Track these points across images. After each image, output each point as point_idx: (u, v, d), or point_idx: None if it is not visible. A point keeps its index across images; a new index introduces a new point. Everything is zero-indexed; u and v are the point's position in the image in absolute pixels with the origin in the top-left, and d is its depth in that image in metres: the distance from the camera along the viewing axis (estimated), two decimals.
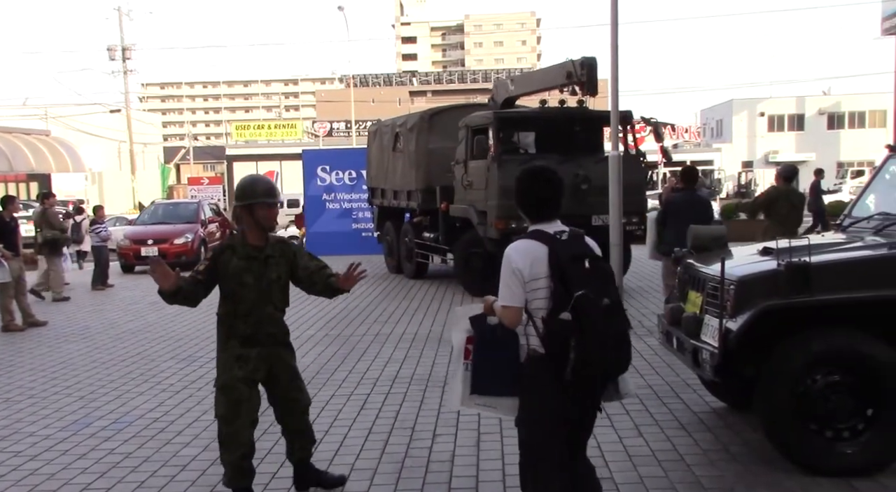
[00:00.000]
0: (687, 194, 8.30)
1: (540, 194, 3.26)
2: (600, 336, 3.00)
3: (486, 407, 3.47)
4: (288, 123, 60.05)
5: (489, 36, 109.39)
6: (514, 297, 3.16)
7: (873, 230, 4.95)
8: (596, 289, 3.04)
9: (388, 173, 14.66)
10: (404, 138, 13.76)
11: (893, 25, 36.35)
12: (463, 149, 11.71)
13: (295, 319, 10.21)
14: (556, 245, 3.13)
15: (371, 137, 16.19)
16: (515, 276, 3.14)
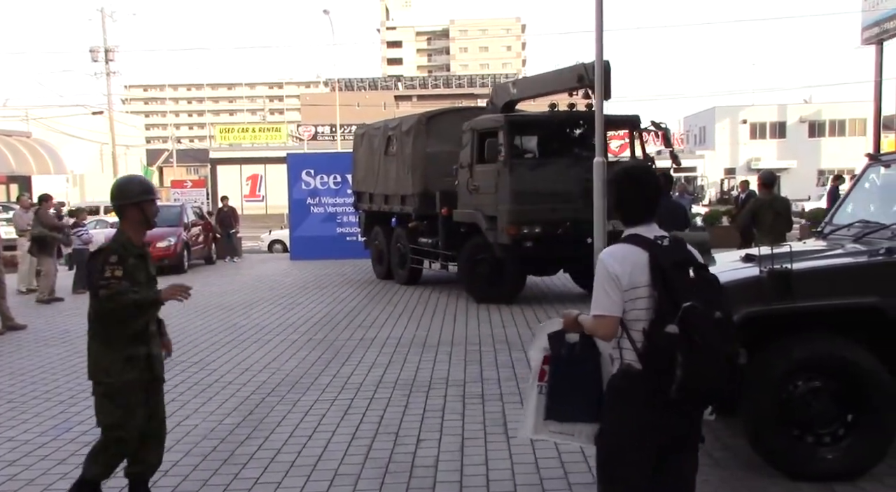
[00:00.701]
0: (662, 200, 8.32)
1: (641, 195, 2.99)
2: (713, 352, 2.71)
3: (563, 435, 3.17)
4: (272, 126, 59.87)
5: (474, 41, 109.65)
6: (612, 305, 2.86)
7: (853, 238, 5.00)
8: (705, 300, 2.76)
9: (378, 177, 14.38)
10: (399, 142, 13.49)
11: (873, 35, 36.81)
12: (468, 153, 11.47)
13: (279, 323, 10.18)
14: (658, 251, 2.86)
15: (358, 141, 15.88)
16: (613, 282, 2.85)
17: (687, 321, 2.70)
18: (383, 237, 14.69)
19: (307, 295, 12.87)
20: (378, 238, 14.98)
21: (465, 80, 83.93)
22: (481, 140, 11.23)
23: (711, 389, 2.78)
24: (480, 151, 11.15)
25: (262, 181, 43.67)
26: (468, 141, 11.56)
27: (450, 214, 12.02)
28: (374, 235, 15.17)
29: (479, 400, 6.27)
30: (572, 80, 11.05)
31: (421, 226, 13.16)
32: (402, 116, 14.80)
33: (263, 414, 6.01)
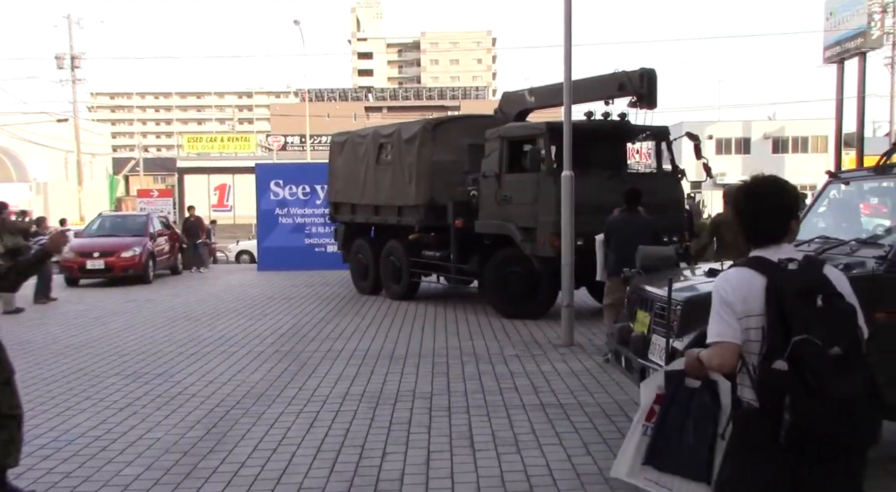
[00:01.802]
0: (628, 215, 8.27)
1: (764, 212, 2.68)
2: (827, 393, 2.39)
3: (659, 487, 2.88)
4: (241, 136, 59.47)
5: (445, 54, 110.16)
6: (728, 330, 2.58)
7: (814, 253, 5.09)
8: (826, 334, 2.42)
9: (365, 187, 13.71)
10: (397, 150, 12.86)
11: (835, 54, 37.71)
12: (496, 161, 10.95)
13: (245, 335, 10.08)
14: (779, 275, 2.56)
15: (336, 149, 15.08)
16: (728, 307, 2.59)
17: (798, 357, 2.41)
18: (369, 250, 14.05)
19: (274, 306, 12.77)
20: (362, 251, 14.31)
21: (436, 92, 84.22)
22: (512, 148, 10.86)
23: (828, 433, 2.44)
24: (511, 159, 10.82)
25: (231, 191, 43.31)
26: (495, 149, 11.04)
27: (463, 226, 11.55)
28: (357, 249, 14.48)
29: (446, 413, 6.27)
30: (612, 88, 10.76)
31: (425, 238, 12.61)
32: (400, 123, 14.20)
33: (227, 427, 5.95)
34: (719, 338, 2.60)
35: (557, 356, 8.41)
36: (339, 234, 15.30)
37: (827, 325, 2.45)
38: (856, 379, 2.44)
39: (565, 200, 9.25)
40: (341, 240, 15.20)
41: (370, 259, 14.00)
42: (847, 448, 2.51)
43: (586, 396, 6.72)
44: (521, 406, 6.42)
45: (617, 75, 10.76)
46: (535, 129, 10.76)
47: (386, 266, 13.53)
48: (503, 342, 9.30)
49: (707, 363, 2.68)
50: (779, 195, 2.71)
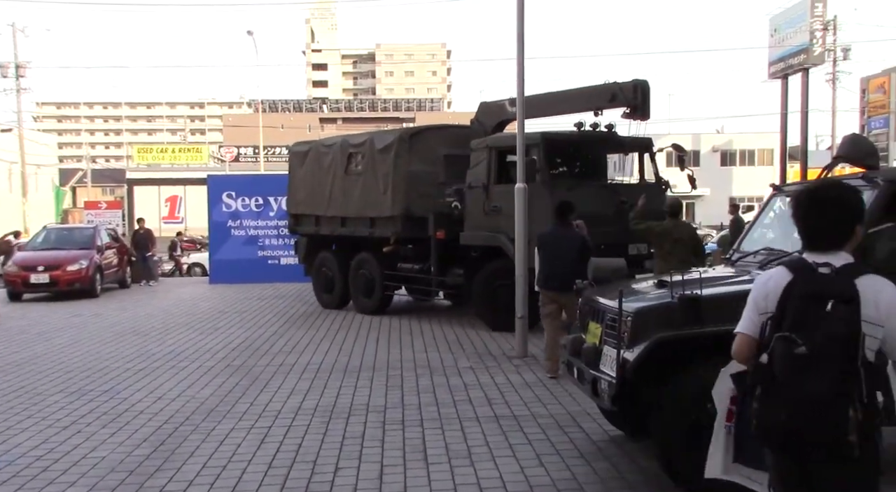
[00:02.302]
0: (559, 229, 8.06)
1: (819, 218, 2.69)
2: (789, 389, 2.50)
3: (750, 481, 2.99)
4: (193, 147, 58.62)
5: (400, 65, 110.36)
6: (747, 323, 2.74)
7: (759, 265, 5.20)
8: (809, 334, 2.50)
9: (331, 198, 13.32)
10: (370, 160, 12.54)
11: (779, 70, 38.78)
12: (483, 172, 10.79)
13: (195, 349, 9.90)
14: (804, 277, 2.61)
15: (297, 159, 14.54)
16: (754, 303, 2.75)
17: (772, 353, 2.55)
18: (335, 263, 13.63)
19: (226, 320, 12.57)
20: (327, 264, 13.88)
21: (391, 103, 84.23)
22: (501, 158, 10.69)
23: (788, 430, 2.52)
24: (500, 169, 10.69)
25: (182, 203, 42.62)
26: (482, 159, 10.88)
27: (445, 238, 11.35)
28: (321, 262, 14.04)
29: (400, 426, 6.23)
30: (604, 99, 10.70)
31: (402, 250, 12.32)
32: (372, 132, 13.91)
33: (176, 444, 5.82)
34: (739, 329, 2.76)
35: (511, 368, 8.44)
36: (301, 246, 14.75)
37: (819, 328, 2.49)
38: (818, 379, 2.47)
39: (519, 212, 9.30)
40: (303, 252, 14.63)
41: (336, 272, 13.58)
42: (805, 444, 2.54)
43: (540, 407, 6.75)
44: (474, 418, 6.41)
45: (608, 86, 10.73)
46: (530, 139, 10.55)
47: (356, 280, 13.13)
48: (457, 354, 9.30)
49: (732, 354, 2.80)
50: (845, 203, 2.71)
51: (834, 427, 2.46)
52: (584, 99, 11.17)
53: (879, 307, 2.55)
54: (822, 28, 37.86)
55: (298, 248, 14.94)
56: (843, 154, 5.48)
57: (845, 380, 2.46)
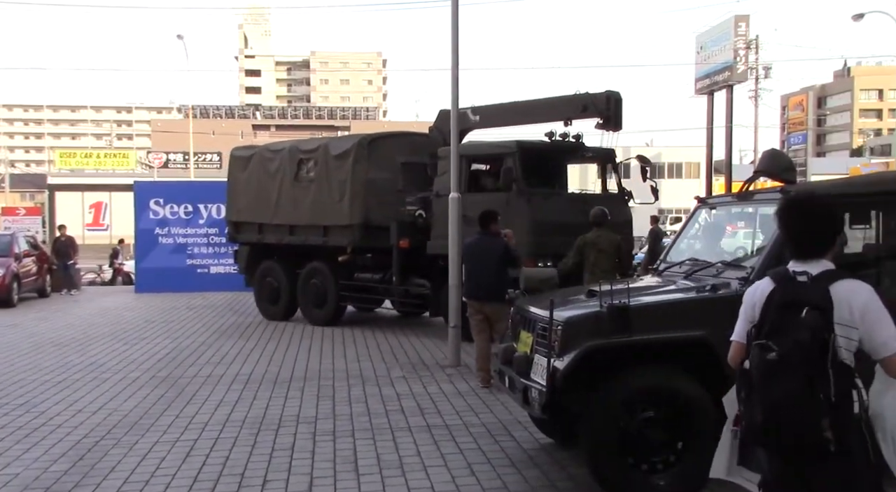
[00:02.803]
0: (479, 238, 7.98)
1: (801, 227, 2.84)
2: (757, 396, 2.69)
3: (754, 485, 3.06)
4: (120, 152, 57.03)
5: (336, 73, 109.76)
6: (738, 330, 2.93)
7: (684, 274, 5.35)
8: (782, 340, 2.66)
9: (279, 206, 12.80)
10: (324, 166, 12.16)
11: (705, 86, 40.09)
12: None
13: (118, 360, 9.59)
14: (784, 286, 2.77)
15: (239, 164, 13.88)
16: (744, 312, 2.92)
17: (751, 360, 2.74)
18: (282, 273, 13.11)
19: (152, 330, 12.22)
20: (272, 274, 13.32)
21: (326, 111, 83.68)
22: (472, 167, 10.52)
23: (766, 430, 2.68)
24: (472, 178, 10.49)
25: (107, 209, 41.33)
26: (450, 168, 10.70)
27: (409, 247, 11.07)
28: (265, 271, 13.45)
29: (331, 437, 6.15)
30: (575, 110, 10.65)
31: (358, 259, 12.00)
32: (327, 138, 13.41)
33: (96, 459, 5.61)
34: (733, 337, 2.96)
35: (444, 377, 8.44)
36: (242, 255, 14.08)
37: (791, 334, 2.64)
38: (787, 382, 2.61)
39: (453, 222, 9.33)
40: (244, 262, 13.98)
41: (283, 282, 13.11)
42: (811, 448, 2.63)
43: (472, 416, 6.76)
44: (406, 428, 6.38)
45: (580, 97, 10.73)
46: (505, 147, 10.43)
47: (306, 290, 12.71)
48: (391, 364, 9.25)
49: None
50: (827, 213, 2.86)
51: (804, 426, 2.59)
52: (556, 109, 11.16)
53: (853, 310, 2.68)
54: (745, 47, 39.34)
55: (239, 257, 14.28)
56: (762, 168, 5.68)
57: (812, 382, 2.59)
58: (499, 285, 7.68)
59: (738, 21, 39.21)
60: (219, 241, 18.25)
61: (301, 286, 12.82)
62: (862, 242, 5.41)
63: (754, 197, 5.51)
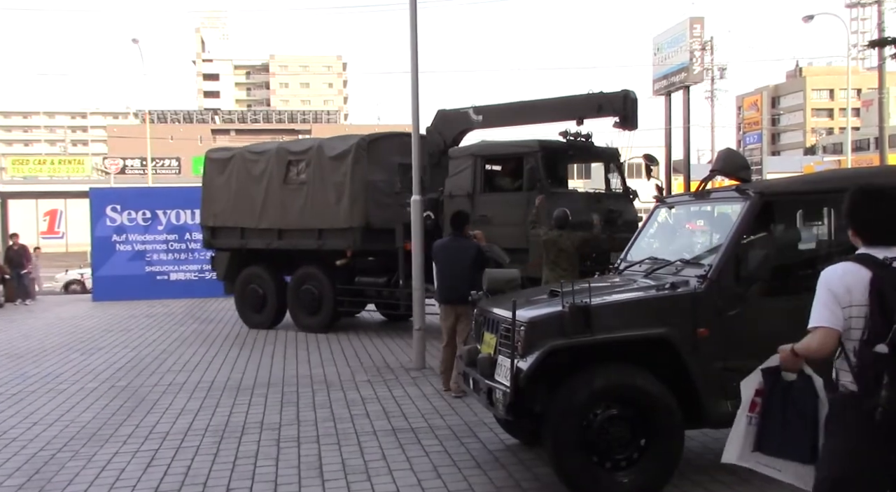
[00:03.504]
0: (451, 240, 7.91)
1: (878, 215, 2.92)
2: None
3: (769, 468, 3.16)
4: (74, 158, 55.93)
5: (295, 77, 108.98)
6: (831, 317, 2.83)
7: (644, 273, 5.42)
8: None
9: (265, 209, 12.43)
10: (317, 168, 11.84)
11: (662, 87, 40.63)
12: (468, 180, 10.42)
13: (76, 371, 9.40)
14: (882, 271, 2.83)
15: (216, 167, 13.36)
16: (833, 297, 2.84)
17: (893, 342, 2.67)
18: (268, 279, 12.72)
19: (111, 338, 11.99)
20: (257, 281, 12.83)
21: (286, 115, 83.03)
22: (488, 166, 10.45)
23: None
24: (487, 178, 10.39)
25: (62, 217, 40.51)
26: (464, 167, 10.51)
27: None
28: (249, 278, 12.94)
29: (295, 443, 6.10)
30: (590, 109, 10.64)
31: (358, 263, 11.77)
32: (320, 139, 12.83)
33: (52, 473, 5.48)
34: (822, 323, 2.84)
35: (409, 380, 8.42)
36: (221, 262, 13.52)
37: None
38: None
39: (415, 225, 9.32)
40: (224, 269, 13.43)
41: (270, 289, 12.71)
42: None
43: (437, 419, 6.76)
44: (372, 432, 6.35)
45: (595, 96, 10.72)
46: (527, 146, 10.36)
47: (298, 296, 12.32)
48: (355, 368, 9.20)
49: (806, 347, 2.90)
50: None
51: None
52: (570, 109, 11.12)
53: None
54: (700, 48, 39.96)
55: (217, 264, 13.72)
56: (717, 168, 5.78)
57: None
58: (473, 287, 7.53)
59: (693, 23, 39.83)
60: (179, 247, 18.02)
61: (292, 293, 12.45)
62: (815, 239, 5.53)
63: (711, 195, 5.60)
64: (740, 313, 4.74)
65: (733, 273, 4.80)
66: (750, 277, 4.82)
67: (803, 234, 5.55)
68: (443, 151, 11.50)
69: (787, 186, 5.77)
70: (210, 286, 17.68)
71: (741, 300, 4.75)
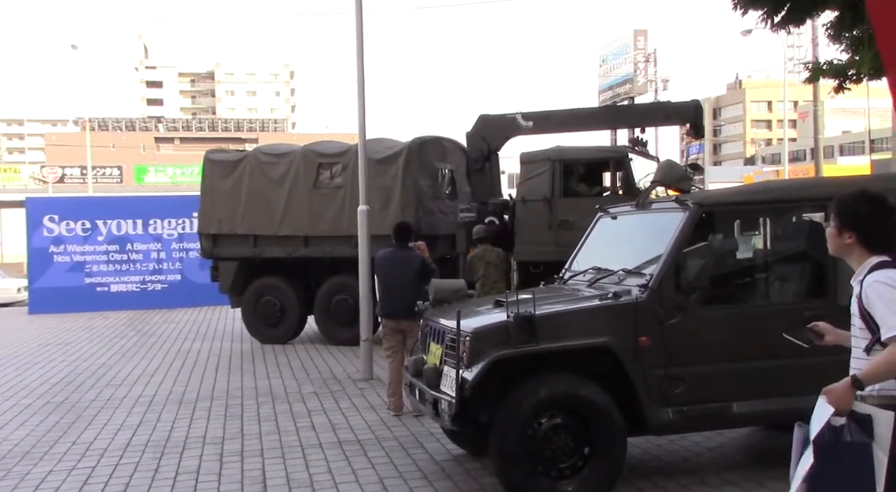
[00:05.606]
0: (394, 252, 7.61)
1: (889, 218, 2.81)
2: None
3: None
4: (10, 167, 54.26)
5: (242, 85, 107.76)
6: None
7: (588, 283, 5.48)
8: None
9: (286, 215, 11.75)
10: (350, 172, 11.22)
11: (608, 98, 41.38)
12: (545, 184, 10.22)
13: (8, 387, 9.09)
14: None
15: (220, 169, 12.45)
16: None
17: None
18: (289, 291, 11.97)
19: (46, 352, 11.62)
20: (274, 292, 12.01)
21: (233, 123, 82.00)
22: (570, 171, 10.33)
23: None
24: (566, 183, 10.29)
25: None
26: (541, 172, 10.34)
27: None
28: (262, 290, 12.09)
29: (238, 457, 5.99)
30: (658, 117, 10.91)
31: None
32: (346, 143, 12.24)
33: None
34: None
35: (356, 391, 8.36)
36: (227, 272, 12.41)
37: None
38: None
39: (362, 234, 9.29)
40: (230, 280, 12.33)
41: (290, 301, 11.97)
42: None
43: (384, 430, 6.72)
44: (317, 445, 6.28)
45: (663, 105, 11.00)
46: (616, 152, 10.38)
47: (330, 308, 11.59)
48: (301, 380, 9.10)
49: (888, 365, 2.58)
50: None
51: None
52: (643, 116, 11.42)
53: None
54: (644, 60, 40.81)
55: (222, 275, 12.56)
56: (658, 179, 5.90)
57: None
58: (416, 301, 7.38)
59: (637, 35, 40.70)
60: (120, 258, 17.58)
61: (320, 304, 11.74)
62: (752, 249, 5.69)
63: (652, 206, 5.70)
64: (680, 322, 4.83)
65: (673, 282, 4.90)
66: (689, 286, 4.93)
67: (741, 244, 5.70)
68: (486, 156, 11.45)
69: (726, 197, 5.91)
70: (152, 298, 17.33)
71: (681, 309, 4.85)
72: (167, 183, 51.80)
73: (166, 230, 17.75)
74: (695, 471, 5.40)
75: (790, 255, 5.61)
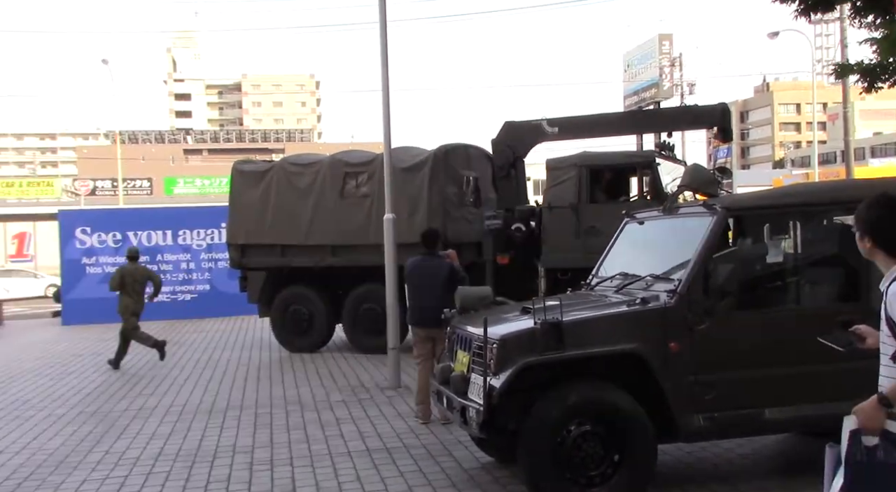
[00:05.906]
0: (425, 259, 7.53)
1: None
2: None
3: None
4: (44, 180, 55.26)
5: (268, 96, 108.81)
6: None
7: (615, 289, 5.45)
8: None
9: (314, 224, 11.73)
10: (378, 181, 10.97)
11: (633, 103, 41.14)
12: (572, 191, 10.26)
13: (44, 396, 9.23)
14: None
15: (248, 180, 12.50)
16: None
17: None
18: (317, 300, 11.96)
19: (80, 363, 11.80)
20: (302, 301, 12.02)
21: (259, 134, 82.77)
22: (597, 177, 10.36)
23: None
24: (593, 189, 10.32)
25: (31, 240, 39.94)
26: (567, 178, 10.37)
27: (508, 262, 10.62)
28: (290, 299, 12.09)
29: (268, 466, 6.03)
30: (686, 121, 10.98)
31: None
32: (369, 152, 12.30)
33: None
34: None
35: (384, 399, 8.37)
36: (255, 282, 12.51)
37: None
38: None
39: (388, 243, 9.32)
40: (258, 289, 12.42)
41: (319, 309, 11.98)
42: None
43: (412, 438, 6.72)
44: (346, 453, 6.30)
45: (691, 109, 11.03)
46: (644, 157, 10.35)
47: (359, 317, 11.58)
48: (329, 388, 9.14)
49: None
50: None
51: None
52: (669, 120, 11.44)
53: None
54: (669, 64, 40.53)
55: (251, 285, 12.64)
56: (685, 183, 5.85)
57: None
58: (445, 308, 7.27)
59: (662, 40, 40.44)
60: (151, 269, 17.77)
61: (350, 313, 11.74)
62: (782, 252, 5.61)
63: (679, 211, 5.66)
64: (710, 327, 4.78)
65: (702, 287, 4.85)
66: (719, 291, 4.88)
67: (770, 247, 5.63)
68: (511, 163, 11.46)
69: (754, 201, 5.85)
70: (181, 308, 17.51)
71: (711, 314, 4.80)
72: (196, 194, 52.43)
73: (195, 241, 17.94)
74: (727, 478, 5.33)
75: (821, 258, 5.53)
